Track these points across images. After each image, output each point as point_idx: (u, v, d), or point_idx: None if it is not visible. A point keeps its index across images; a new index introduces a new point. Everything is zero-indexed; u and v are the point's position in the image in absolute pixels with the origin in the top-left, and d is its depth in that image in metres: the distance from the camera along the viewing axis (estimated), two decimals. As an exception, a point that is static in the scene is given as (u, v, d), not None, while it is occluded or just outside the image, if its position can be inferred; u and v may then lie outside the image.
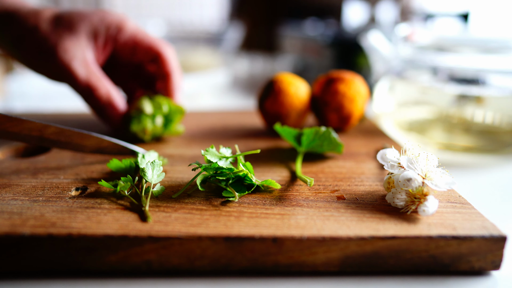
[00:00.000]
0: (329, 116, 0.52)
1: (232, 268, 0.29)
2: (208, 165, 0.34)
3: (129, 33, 0.48)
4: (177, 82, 0.51)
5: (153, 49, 0.50)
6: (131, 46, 0.49)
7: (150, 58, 0.50)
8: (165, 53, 0.50)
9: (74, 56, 0.44)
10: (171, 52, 0.51)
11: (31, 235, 0.28)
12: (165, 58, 0.50)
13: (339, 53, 0.91)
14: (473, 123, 0.53)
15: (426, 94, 0.56)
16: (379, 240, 0.28)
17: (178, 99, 0.51)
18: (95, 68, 0.46)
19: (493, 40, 0.53)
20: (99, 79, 0.45)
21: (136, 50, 0.49)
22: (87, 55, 0.45)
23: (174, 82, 0.51)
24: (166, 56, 0.50)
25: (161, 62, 0.50)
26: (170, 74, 0.50)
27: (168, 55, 0.50)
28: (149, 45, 0.49)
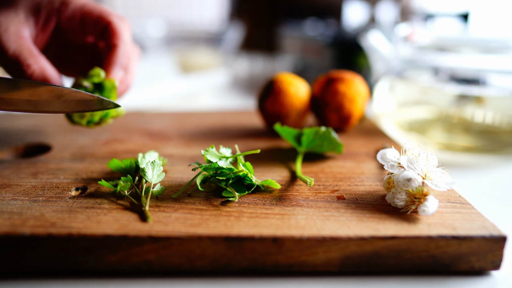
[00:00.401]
0: (329, 116, 0.52)
1: (232, 268, 0.29)
2: (208, 165, 0.34)
3: (75, 6, 0.43)
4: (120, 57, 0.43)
5: (102, 20, 0.43)
6: (79, 19, 0.43)
7: (100, 31, 0.44)
8: (114, 23, 0.43)
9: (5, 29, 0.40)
10: (123, 24, 0.44)
11: (31, 235, 0.28)
12: (114, 28, 0.43)
13: (339, 53, 0.91)
14: (473, 123, 0.53)
15: (426, 94, 0.56)
16: (379, 240, 0.28)
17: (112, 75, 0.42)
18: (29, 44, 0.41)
19: (493, 40, 0.53)
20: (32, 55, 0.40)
21: (84, 23, 0.43)
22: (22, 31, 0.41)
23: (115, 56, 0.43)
24: (115, 26, 0.43)
25: (108, 33, 0.43)
26: (114, 47, 0.43)
27: (118, 25, 0.43)
28: (98, 16, 0.43)
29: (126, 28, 0.44)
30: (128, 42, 0.43)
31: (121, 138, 0.50)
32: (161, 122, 0.58)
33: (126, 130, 0.54)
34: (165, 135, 0.52)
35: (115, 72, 0.42)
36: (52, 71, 0.41)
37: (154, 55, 1.12)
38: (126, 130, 0.54)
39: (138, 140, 0.50)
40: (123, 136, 0.51)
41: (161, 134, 0.53)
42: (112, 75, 0.42)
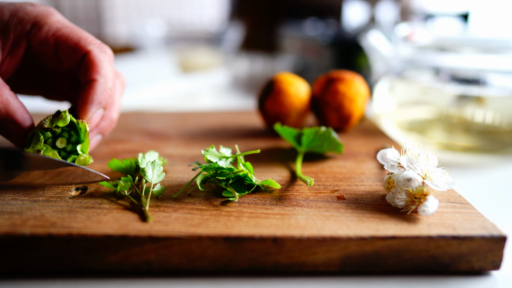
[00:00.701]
0: (329, 116, 0.52)
1: (232, 268, 0.29)
2: (208, 165, 0.34)
3: (49, 29, 0.37)
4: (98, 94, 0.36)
5: (79, 49, 0.37)
6: (52, 45, 0.37)
7: (77, 61, 0.38)
8: (93, 54, 0.37)
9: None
10: (103, 55, 0.38)
11: (31, 235, 0.28)
12: (92, 60, 0.37)
13: (339, 53, 0.91)
14: (473, 123, 0.53)
15: (426, 94, 0.56)
16: (379, 240, 0.28)
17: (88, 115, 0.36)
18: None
19: (493, 40, 0.53)
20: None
21: (59, 51, 0.37)
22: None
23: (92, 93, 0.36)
24: (94, 57, 0.37)
25: (85, 65, 0.37)
26: (92, 82, 0.36)
27: (97, 57, 0.37)
28: (74, 44, 0.37)
29: (107, 59, 0.38)
30: (108, 77, 0.37)
31: (121, 138, 0.50)
32: (161, 122, 0.58)
33: (126, 130, 0.54)
34: (165, 135, 0.52)
35: (91, 111, 0.36)
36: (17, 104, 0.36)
37: (154, 55, 1.12)
38: (126, 130, 0.54)
39: (138, 140, 0.50)
40: (123, 136, 0.51)
41: (161, 134, 0.53)
42: (88, 115, 0.36)
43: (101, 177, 0.34)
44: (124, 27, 1.62)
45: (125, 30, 1.62)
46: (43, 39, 0.37)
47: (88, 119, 0.36)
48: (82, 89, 0.37)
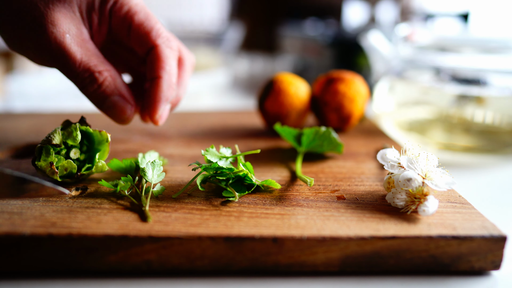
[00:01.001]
0: (329, 116, 0.52)
1: (232, 268, 0.29)
2: (208, 165, 0.34)
3: (128, 11, 0.37)
4: (164, 91, 0.38)
5: (148, 40, 0.37)
6: (126, 28, 0.37)
7: (145, 51, 0.38)
8: (160, 49, 0.38)
9: (67, 31, 0.35)
10: (170, 51, 0.38)
11: (31, 235, 0.28)
12: (159, 55, 0.37)
13: (339, 53, 0.91)
14: (473, 123, 0.53)
15: (426, 94, 0.56)
16: (379, 240, 0.28)
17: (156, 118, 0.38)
18: (95, 48, 0.37)
19: (493, 40, 0.53)
20: (102, 62, 0.36)
21: (131, 34, 0.38)
22: (84, 32, 0.36)
23: (159, 91, 0.37)
24: (160, 53, 0.37)
25: (152, 59, 0.38)
26: (158, 79, 0.37)
27: (164, 53, 0.38)
28: (144, 34, 0.37)
29: (173, 55, 0.38)
30: (172, 73, 0.38)
31: (121, 138, 0.50)
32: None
33: (126, 130, 0.54)
34: (165, 135, 0.52)
35: (160, 109, 0.38)
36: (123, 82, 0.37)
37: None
38: (126, 130, 0.54)
39: (138, 140, 0.50)
40: (123, 136, 0.51)
41: (161, 134, 0.53)
42: (158, 113, 0.38)
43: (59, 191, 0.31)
44: (124, 27, 1.62)
45: (125, 30, 1.62)
46: (121, 19, 0.37)
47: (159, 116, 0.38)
48: (149, 86, 0.38)
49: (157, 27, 0.38)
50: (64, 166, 0.35)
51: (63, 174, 0.35)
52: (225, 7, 1.80)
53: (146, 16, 0.38)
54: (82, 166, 0.36)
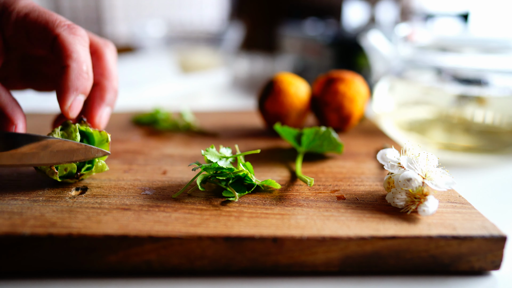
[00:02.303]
0: (329, 116, 0.52)
1: (232, 268, 0.29)
2: (208, 165, 0.34)
3: (18, 16, 0.34)
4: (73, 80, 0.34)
5: (48, 33, 0.34)
6: (23, 32, 0.35)
7: (49, 46, 0.35)
8: (62, 37, 0.34)
9: None
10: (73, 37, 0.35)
11: (31, 235, 0.28)
12: (62, 44, 0.34)
13: (339, 53, 0.91)
14: (473, 123, 0.53)
15: (426, 94, 0.56)
16: (379, 240, 0.28)
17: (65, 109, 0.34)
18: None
19: (493, 40, 0.53)
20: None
21: (29, 37, 0.35)
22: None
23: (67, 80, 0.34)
24: (63, 41, 0.34)
25: (56, 50, 0.34)
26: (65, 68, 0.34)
27: (67, 40, 0.34)
28: (43, 28, 0.34)
29: (78, 41, 0.35)
30: (82, 60, 0.35)
31: (121, 138, 0.50)
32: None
33: (126, 130, 0.54)
34: (165, 135, 0.52)
35: (69, 99, 0.34)
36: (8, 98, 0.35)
37: (154, 55, 1.12)
38: (126, 130, 0.54)
39: (138, 140, 0.50)
40: (123, 136, 0.51)
41: (161, 134, 0.53)
42: (67, 104, 0.34)
43: (103, 152, 0.35)
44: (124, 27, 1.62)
45: (125, 30, 1.62)
46: (14, 27, 0.35)
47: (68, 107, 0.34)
48: (57, 77, 0.35)
49: (53, 18, 0.35)
50: (64, 166, 0.35)
51: (63, 174, 0.35)
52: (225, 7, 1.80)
53: (38, 13, 0.35)
54: (82, 166, 0.36)
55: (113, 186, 0.36)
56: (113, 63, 0.40)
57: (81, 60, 0.35)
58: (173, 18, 1.67)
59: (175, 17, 1.68)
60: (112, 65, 0.40)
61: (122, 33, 1.61)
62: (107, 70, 0.39)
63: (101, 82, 0.39)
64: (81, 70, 0.35)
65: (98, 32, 1.58)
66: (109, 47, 0.40)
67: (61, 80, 0.34)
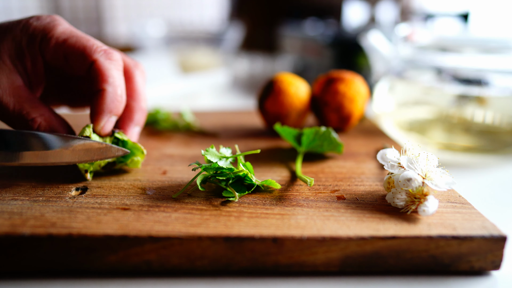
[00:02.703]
0: (329, 116, 0.52)
1: (232, 268, 0.29)
2: (208, 165, 0.34)
3: (57, 42, 0.37)
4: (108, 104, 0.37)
5: (85, 58, 0.37)
6: (62, 57, 0.37)
7: (86, 69, 0.38)
8: (99, 63, 0.37)
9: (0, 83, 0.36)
10: (109, 62, 0.37)
11: (31, 235, 0.28)
12: (99, 69, 0.37)
13: (339, 53, 0.91)
14: (473, 123, 0.53)
15: (426, 94, 0.56)
16: (379, 240, 0.28)
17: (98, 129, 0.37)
18: (28, 93, 0.37)
19: (493, 40, 0.53)
20: (34, 106, 0.37)
21: (68, 60, 0.37)
22: (17, 80, 0.37)
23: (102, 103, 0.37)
24: (100, 66, 0.37)
25: (93, 74, 0.37)
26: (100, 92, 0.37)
27: (103, 65, 0.37)
28: (80, 53, 0.37)
29: (114, 66, 0.38)
30: (117, 84, 0.37)
31: (121, 138, 0.50)
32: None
33: (126, 130, 0.54)
34: (165, 135, 0.52)
35: (103, 121, 0.37)
36: (59, 119, 0.38)
37: (154, 55, 1.12)
38: (126, 130, 0.54)
39: (138, 140, 0.50)
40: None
41: (161, 134, 0.53)
42: (100, 125, 0.37)
43: (123, 151, 0.37)
44: (124, 27, 1.62)
45: (125, 30, 1.62)
46: (53, 52, 0.37)
47: (101, 128, 0.37)
48: (93, 99, 0.37)
49: (90, 44, 0.37)
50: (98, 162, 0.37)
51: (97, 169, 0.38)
52: (225, 7, 1.80)
53: (76, 39, 0.37)
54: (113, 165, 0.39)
55: (113, 186, 0.36)
56: (142, 85, 0.42)
57: (116, 85, 0.37)
58: (173, 18, 1.67)
59: (175, 17, 1.68)
60: (141, 87, 0.42)
61: (122, 33, 1.61)
62: (136, 92, 0.41)
63: (129, 103, 0.41)
64: (116, 94, 0.37)
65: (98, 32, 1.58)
66: (139, 68, 0.42)
67: (97, 103, 0.37)
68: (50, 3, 1.53)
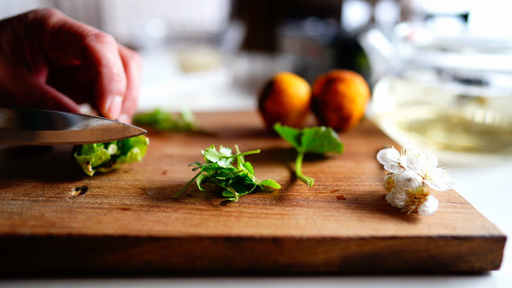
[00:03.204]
0: (329, 116, 0.52)
1: (232, 268, 0.29)
2: (208, 165, 0.34)
3: (51, 32, 0.37)
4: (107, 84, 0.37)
5: (78, 43, 0.37)
6: (59, 46, 0.38)
7: (81, 56, 0.38)
8: (91, 46, 0.37)
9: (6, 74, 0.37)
10: (101, 45, 0.37)
11: (31, 235, 0.28)
12: (91, 52, 0.37)
13: (339, 53, 0.91)
14: (473, 123, 0.53)
15: (426, 94, 0.56)
16: (379, 240, 0.28)
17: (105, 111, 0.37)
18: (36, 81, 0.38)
19: (493, 40, 0.53)
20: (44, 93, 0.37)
21: (64, 48, 0.38)
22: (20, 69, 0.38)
23: (101, 85, 0.37)
24: (92, 49, 0.37)
25: (87, 59, 0.37)
26: (97, 75, 0.37)
27: (95, 48, 0.37)
28: (73, 40, 0.37)
29: (106, 47, 0.37)
30: (112, 64, 0.37)
31: (121, 138, 0.50)
32: (161, 122, 0.57)
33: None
34: (165, 135, 0.52)
35: (107, 102, 0.37)
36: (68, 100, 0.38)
37: (154, 55, 1.12)
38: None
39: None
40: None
41: (161, 134, 0.53)
42: (106, 106, 0.37)
43: (140, 131, 0.37)
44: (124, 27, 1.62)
45: (125, 30, 1.62)
46: (49, 40, 0.38)
47: (108, 110, 0.37)
48: (93, 84, 0.37)
49: (81, 30, 0.37)
50: (99, 155, 0.37)
51: (98, 164, 0.37)
52: (225, 7, 1.80)
53: (69, 26, 0.38)
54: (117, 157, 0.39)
55: (113, 186, 0.36)
56: (136, 74, 0.42)
57: (111, 65, 0.37)
58: (173, 18, 1.67)
59: (175, 17, 1.68)
60: (135, 76, 0.42)
61: (122, 33, 1.61)
62: (129, 80, 0.41)
63: None
64: (112, 74, 0.37)
65: (98, 32, 1.57)
66: (135, 58, 0.42)
67: (96, 86, 0.37)
68: (50, 3, 1.53)
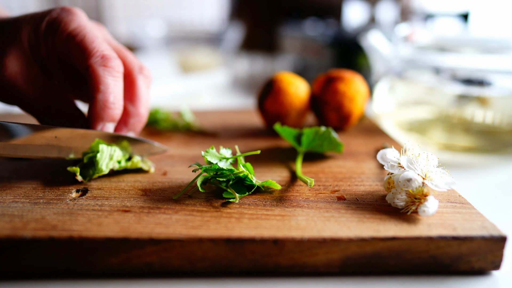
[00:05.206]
0: (329, 115, 0.52)
1: (233, 269, 0.29)
2: (209, 167, 0.34)
3: (66, 36, 0.37)
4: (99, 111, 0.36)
5: (82, 61, 0.37)
6: (68, 51, 0.37)
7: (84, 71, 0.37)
8: (93, 69, 0.36)
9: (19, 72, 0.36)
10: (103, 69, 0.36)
11: (32, 238, 0.28)
12: (92, 75, 0.36)
13: (339, 53, 0.91)
14: (473, 123, 0.53)
15: (426, 94, 0.56)
16: (379, 241, 0.28)
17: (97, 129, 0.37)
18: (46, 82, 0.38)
19: (493, 40, 0.53)
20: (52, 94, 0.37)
21: (71, 56, 0.38)
22: (34, 68, 0.37)
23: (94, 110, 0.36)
24: (93, 72, 0.36)
25: (87, 79, 0.37)
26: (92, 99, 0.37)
27: (96, 72, 0.36)
28: (80, 55, 0.37)
29: (108, 73, 0.37)
30: (108, 92, 0.36)
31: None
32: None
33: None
34: (165, 135, 0.52)
35: (97, 128, 0.37)
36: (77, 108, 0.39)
37: (154, 55, 1.12)
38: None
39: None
40: (123, 137, 0.51)
41: (161, 134, 0.53)
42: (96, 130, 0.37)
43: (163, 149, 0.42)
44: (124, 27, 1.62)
45: (125, 30, 1.62)
46: (63, 46, 0.37)
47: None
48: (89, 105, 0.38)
49: (91, 47, 0.37)
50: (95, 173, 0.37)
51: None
52: (225, 7, 1.80)
53: (84, 38, 0.37)
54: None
55: (114, 187, 0.36)
56: (143, 90, 0.42)
57: (108, 92, 0.36)
58: (173, 18, 1.67)
59: (175, 17, 1.68)
60: (142, 92, 0.41)
61: (122, 33, 1.61)
62: (136, 96, 0.41)
63: (127, 107, 0.41)
64: (107, 101, 0.36)
65: (98, 32, 1.57)
66: (143, 73, 0.42)
67: (90, 110, 0.37)
68: (50, 3, 1.53)
